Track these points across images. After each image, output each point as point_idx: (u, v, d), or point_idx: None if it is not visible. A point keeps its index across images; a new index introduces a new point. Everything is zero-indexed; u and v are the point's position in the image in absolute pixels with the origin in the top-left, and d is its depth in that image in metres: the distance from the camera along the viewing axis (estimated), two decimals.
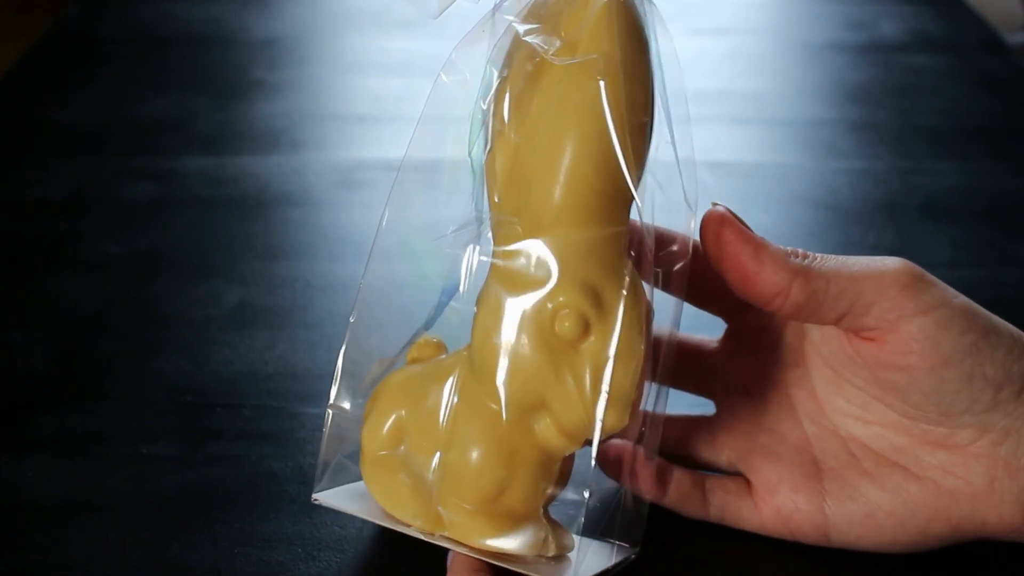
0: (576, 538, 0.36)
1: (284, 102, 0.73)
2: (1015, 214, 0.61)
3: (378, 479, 0.37)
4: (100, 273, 0.55)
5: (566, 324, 0.33)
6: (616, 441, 0.38)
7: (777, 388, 0.39)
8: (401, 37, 0.82)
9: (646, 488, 0.37)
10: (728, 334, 0.41)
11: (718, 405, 0.41)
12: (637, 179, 0.34)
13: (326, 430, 0.37)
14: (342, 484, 0.38)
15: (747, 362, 0.40)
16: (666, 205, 0.35)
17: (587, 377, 0.33)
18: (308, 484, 0.41)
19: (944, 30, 0.85)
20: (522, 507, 0.35)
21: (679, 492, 0.39)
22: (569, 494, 0.37)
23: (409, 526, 0.36)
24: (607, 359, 0.33)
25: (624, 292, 0.34)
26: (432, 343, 0.38)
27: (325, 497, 0.37)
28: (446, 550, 0.36)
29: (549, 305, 0.33)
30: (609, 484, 0.39)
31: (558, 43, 0.33)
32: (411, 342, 0.38)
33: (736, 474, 0.40)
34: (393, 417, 0.36)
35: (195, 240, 0.58)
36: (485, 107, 0.34)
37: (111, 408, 0.46)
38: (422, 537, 0.36)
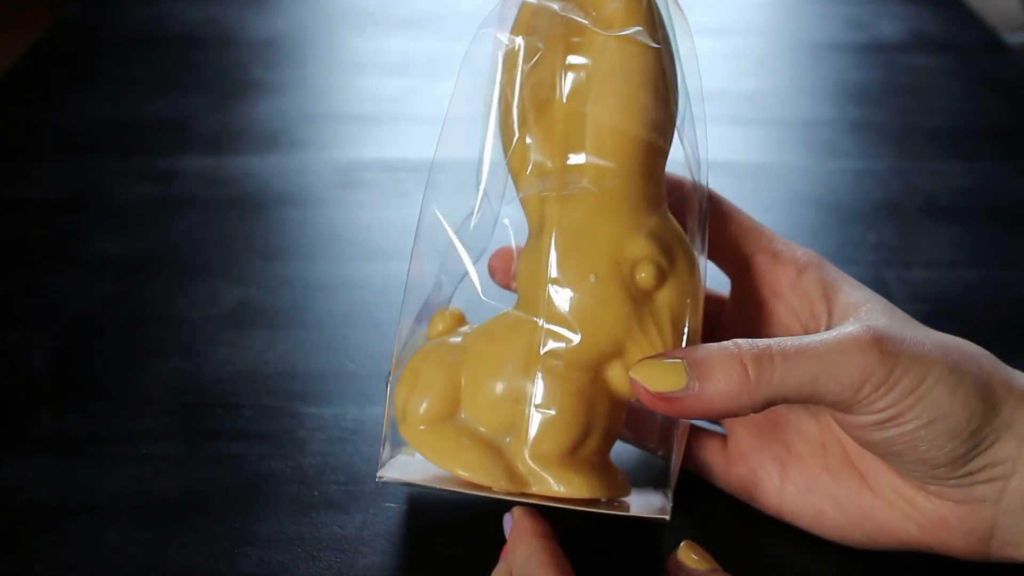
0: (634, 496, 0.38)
1: (284, 102, 0.73)
2: (1015, 214, 0.61)
3: (441, 448, 0.36)
4: (100, 273, 0.55)
5: (643, 274, 0.35)
6: None
7: None
8: (401, 37, 0.82)
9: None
10: (732, 294, 0.41)
11: None
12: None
13: (389, 406, 0.37)
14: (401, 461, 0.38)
15: (742, 331, 0.40)
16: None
17: (668, 322, 0.35)
18: (308, 484, 0.42)
19: (944, 30, 0.85)
20: (595, 456, 0.36)
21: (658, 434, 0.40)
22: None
23: (489, 489, 0.35)
24: (682, 304, 0.35)
25: (686, 240, 0.36)
26: (455, 315, 0.39)
27: (389, 473, 0.37)
28: (448, 545, 0.36)
29: (628, 256, 0.35)
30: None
31: (592, 19, 0.35)
32: (423, 316, 0.38)
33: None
34: (446, 385, 0.36)
35: (195, 240, 0.58)
36: (520, 80, 0.35)
37: (111, 408, 0.46)
38: (502, 497, 0.35)
